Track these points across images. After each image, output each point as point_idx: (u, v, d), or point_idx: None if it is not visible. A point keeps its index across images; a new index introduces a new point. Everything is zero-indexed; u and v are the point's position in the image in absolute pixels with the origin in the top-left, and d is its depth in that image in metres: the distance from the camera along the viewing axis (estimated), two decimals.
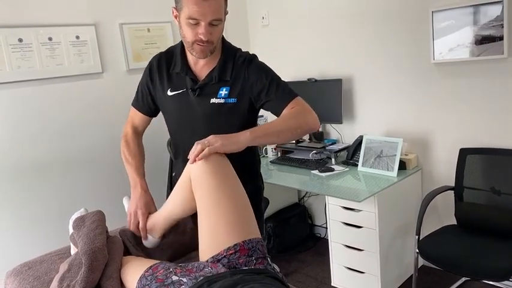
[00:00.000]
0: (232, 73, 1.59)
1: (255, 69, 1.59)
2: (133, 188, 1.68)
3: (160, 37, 3.12)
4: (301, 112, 1.52)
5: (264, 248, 1.29)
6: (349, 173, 2.81)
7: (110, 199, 2.93)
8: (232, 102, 1.59)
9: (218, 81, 1.58)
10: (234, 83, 1.59)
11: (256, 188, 1.78)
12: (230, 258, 1.20)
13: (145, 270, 1.27)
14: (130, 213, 1.63)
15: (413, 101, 2.80)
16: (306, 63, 3.38)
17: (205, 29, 1.44)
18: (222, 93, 1.58)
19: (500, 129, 2.47)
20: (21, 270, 1.64)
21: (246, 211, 1.33)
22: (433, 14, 2.56)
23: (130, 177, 1.70)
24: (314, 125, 1.54)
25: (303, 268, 3.10)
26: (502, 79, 2.42)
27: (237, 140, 1.38)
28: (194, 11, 1.41)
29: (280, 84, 1.58)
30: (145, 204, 1.63)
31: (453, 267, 2.21)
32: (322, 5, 3.17)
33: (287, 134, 1.49)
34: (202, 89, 1.60)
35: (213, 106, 1.59)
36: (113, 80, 2.94)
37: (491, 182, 2.44)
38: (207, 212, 1.30)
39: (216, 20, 1.45)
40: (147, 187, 1.68)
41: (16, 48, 2.51)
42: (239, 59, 1.60)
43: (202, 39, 1.46)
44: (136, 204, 1.62)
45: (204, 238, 1.30)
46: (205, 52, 1.52)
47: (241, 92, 1.58)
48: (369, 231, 2.51)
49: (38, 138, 2.64)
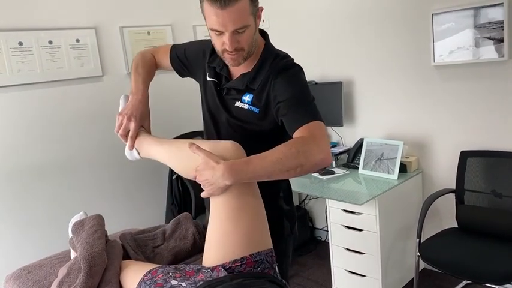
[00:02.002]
0: (263, 81, 1.43)
1: (284, 80, 1.39)
2: (134, 93, 1.57)
3: (161, 40, 3.12)
4: (307, 144, 1.22)
5: (272, 259, 1.24)
6: (349, 176, 2.80)
7: (110, 203, 2.93)
8: (254, 112, 1.44)
9: (247, 87, 1.45)
10: (259, 91, 1.43)
11: (275, 210, 1.52)
12: (235, 269, 1.18)
13: (144, 274, 1.26)
14: (123, 115, 1.52)
15: (414, 103, 2.80)
16: (307, 66, 3.30)
17: (230, 39, 1.30)
18: (246, 99, 1.45)
19: (501, 132, 2.46)
20: (20, 274, 1.64)
21: (261, 224, 1.26)
22: (433, 16, 2.55)
23: (135, 84, 1.59)
24: (322, 162, 1.23)
25: (304, 271, 3.09)
26: (502, 81, 2.41)
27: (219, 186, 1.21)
28: (214, 22, 1.27)
29: (302, 103, 1.35)
30: (142, 114, 1.53)
31: (454, 271, 2.20)
32: (322, 8, 3.17)
33: (283, 175, 1.24)
34: (230, 90, 1.49)
35: (237, 110, 1.47)
36: (113, 83, 2.94)
37: (493, 185, 2.43)
38: (222, 219, 1.24)
39: (240, 28, 1.29)
40: (148, 97, 1.58)
41: (16, 52, 2.52)
42: (276, 66, 1.42)
43: (226, 49, 1.33)
44: (133, 112, 1.51)
45: (212, 245, 1.25)
46: (237, 60, 1.38)
47: (265, 104, 1.42)
48: (370, 234, 2.51)
49: (37, 141, 2.64)
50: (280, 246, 1.50)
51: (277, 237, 1.44)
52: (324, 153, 1.23)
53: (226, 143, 1.30)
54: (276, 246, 1.33)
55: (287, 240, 1.60)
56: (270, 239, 1.28)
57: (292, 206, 1.67)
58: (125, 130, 1.52)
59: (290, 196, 1.66)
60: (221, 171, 1.17)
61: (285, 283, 1.24)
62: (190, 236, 1.70)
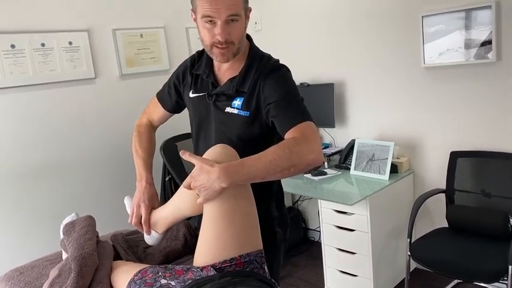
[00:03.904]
0: (252, 83, 1.42)
1: (273, 81, 1.40)
2: (139, 181, 1.59)
3: (153, 42, 3.14)
4: (299, 145, 1.24)
5: (262, 259, 1.26)
6: (341, 177, 2.82)
7: (104, 204, 2.94)
8: (245, 115, 1.43)
9: (236, 90, 1.44)
10: (250, 94, 1.43)
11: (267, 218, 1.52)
12: (224, 269, 1.19)
13: (134, 274, 1.28)
14: (133, 206, 1.54)
15: (405, 104, 2.82)
16: (299, 67, 3.37)
17: (222, 27, 1.30)
18: (236, 103, 1.44)
19: (490, 132, 2.49)
20: (12, 276, 1.64)
21: (253, 226, 1.27)
22: (423, 18, 2.58)
23: (138, 170, 1.62)
24: (314, 161, 1.25)
25: (297, 272, 3.10)
26: (491, 82, 2.44)
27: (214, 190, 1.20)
28: (207, 8, 1.28)
29: (293, 103, 1.37)
30: (150, 197, 1.54)
31: (445, 270, 2.22)
32: (314, 11, 3.20)
33: (277, 176, 1.25)
34: (219, 96, 1.47)
35: (227, 116, 1.46)
36: (106, 86, 2.95)
37: (482, 185, 2.46)
38: (215, 220, 1.24)
39: (233, 15, 1.30)
40: (152, 181, 1.60)
41: (9, 54, 2.52)
42: (264, 67, 1.43)
43: (219, 40, 1.32)
44: (140, 197, 1.54)
45: (203, 246, 1.26)
46: (226, 55, 1.37)
47: (256, 107, 1.42)
48: (361, 234, 2.53)
49: (30, 144, 2.64)
50: (272, 251, 1.52)
51: (270, 244, 1.45)
52: (316, 153, 1.24)
53: (216, 147, 1.30)
54: (268, 252, 1.35)
55: (279, 246, 1.59)
56: (261, 240, 1.29)
57: (284, 211, 1.65)
58: (137, 217, 1.53)
59: (282, 200, 1.65)
60: (216, 174, 1.17)
61: (274, 282, 1.26)
62: (181, 237, 1.72)
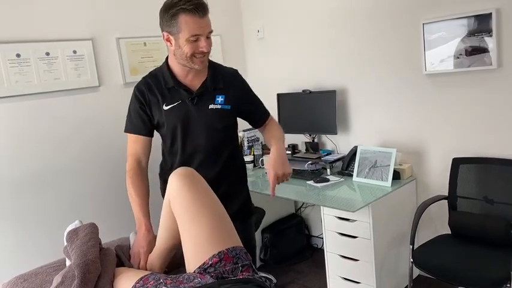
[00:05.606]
0: (224, 82, 1.83)
1: (242, 83, 1.93)
2: (138, 228, 1.73)
3: (157, 51, 3.17)
4: (278, 124, 2.01)
5: (247, 256, 1.33)
6: (344, 183, 2.83)
7: (106, 212, 2.96)
8: (227, 108, 1.83)
9: (213, 90, 1.81)
10: (228, 91, 1.83)
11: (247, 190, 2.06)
12: (216, 266, 1.23)
13: (136, 281, 1.29)
14: (133, 253, 1.68)
15: (407, 111, 2.83)
16: (301, 75, 3.41)
17: (206, 41, 1.67)
18: (219, 100, 1.81)
19: (492, 139, 2.49)
20: (16, 283, 1.66)
21: (225, 221, 1.38)
22: (424, 26, 2.60)
23: (136, 216, 1.76)
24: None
25: (300, 279, 3.10)
26: (491, 89, 2.45)
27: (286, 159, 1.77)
28: (195, 29, 1.63)
29: (259, 101, 1.98)
30: (148, 243, 1.67)
31: (447, 277, 2.22)
32: (316, 18, 3.22)
33: None
34: (200, 97, 1.80)
35: (212, 111, 1.81)
36: (110, 94, 2.98)
37: (484, 191, 2.46)
38: (188, 225, 1.34)
39: (210, 32, 1.69)
40: (151, 226, 1.73)
41: (14, 63, 2.56)
42: (226, 71, 1.90)
43: (204, 51, 1.67)
44: (138, 244, 1.68)
45: (188, 251, 1.33)
46: (205, 62, 1.74)
47: (234, 101, 1.84)
48: (364, 241, 2.53)
49: (35, 152, 2.67)
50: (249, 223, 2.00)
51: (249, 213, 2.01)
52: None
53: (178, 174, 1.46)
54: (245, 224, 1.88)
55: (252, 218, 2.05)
56: (238, 238, 1.38)
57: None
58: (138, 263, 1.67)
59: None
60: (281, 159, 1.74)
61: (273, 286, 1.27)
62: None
